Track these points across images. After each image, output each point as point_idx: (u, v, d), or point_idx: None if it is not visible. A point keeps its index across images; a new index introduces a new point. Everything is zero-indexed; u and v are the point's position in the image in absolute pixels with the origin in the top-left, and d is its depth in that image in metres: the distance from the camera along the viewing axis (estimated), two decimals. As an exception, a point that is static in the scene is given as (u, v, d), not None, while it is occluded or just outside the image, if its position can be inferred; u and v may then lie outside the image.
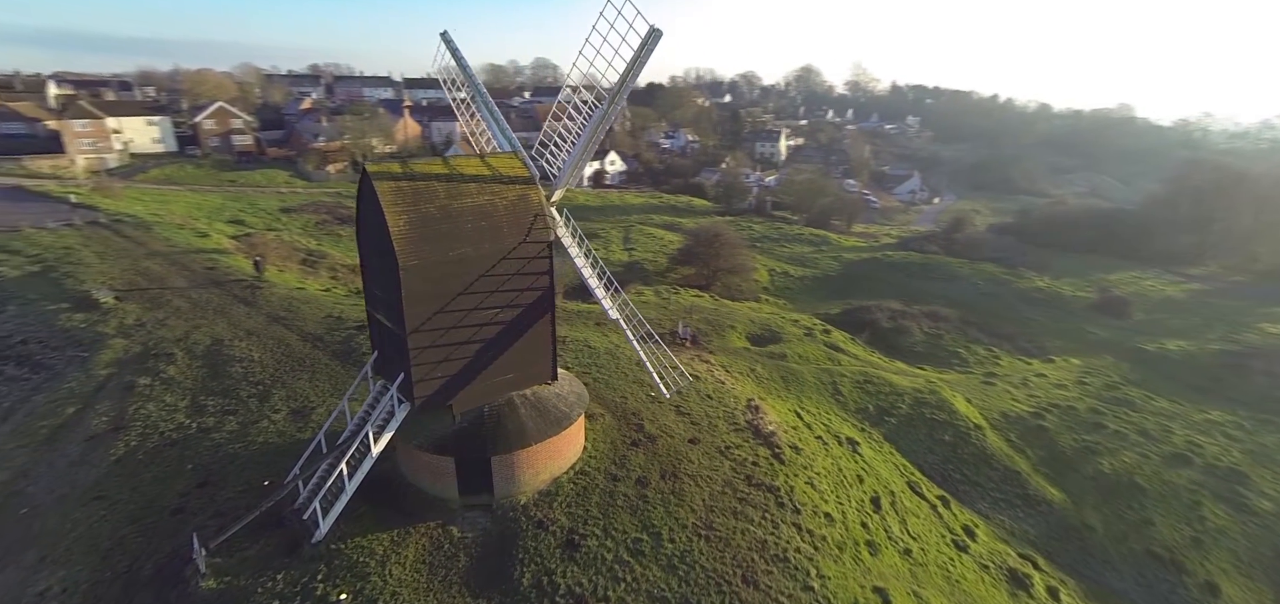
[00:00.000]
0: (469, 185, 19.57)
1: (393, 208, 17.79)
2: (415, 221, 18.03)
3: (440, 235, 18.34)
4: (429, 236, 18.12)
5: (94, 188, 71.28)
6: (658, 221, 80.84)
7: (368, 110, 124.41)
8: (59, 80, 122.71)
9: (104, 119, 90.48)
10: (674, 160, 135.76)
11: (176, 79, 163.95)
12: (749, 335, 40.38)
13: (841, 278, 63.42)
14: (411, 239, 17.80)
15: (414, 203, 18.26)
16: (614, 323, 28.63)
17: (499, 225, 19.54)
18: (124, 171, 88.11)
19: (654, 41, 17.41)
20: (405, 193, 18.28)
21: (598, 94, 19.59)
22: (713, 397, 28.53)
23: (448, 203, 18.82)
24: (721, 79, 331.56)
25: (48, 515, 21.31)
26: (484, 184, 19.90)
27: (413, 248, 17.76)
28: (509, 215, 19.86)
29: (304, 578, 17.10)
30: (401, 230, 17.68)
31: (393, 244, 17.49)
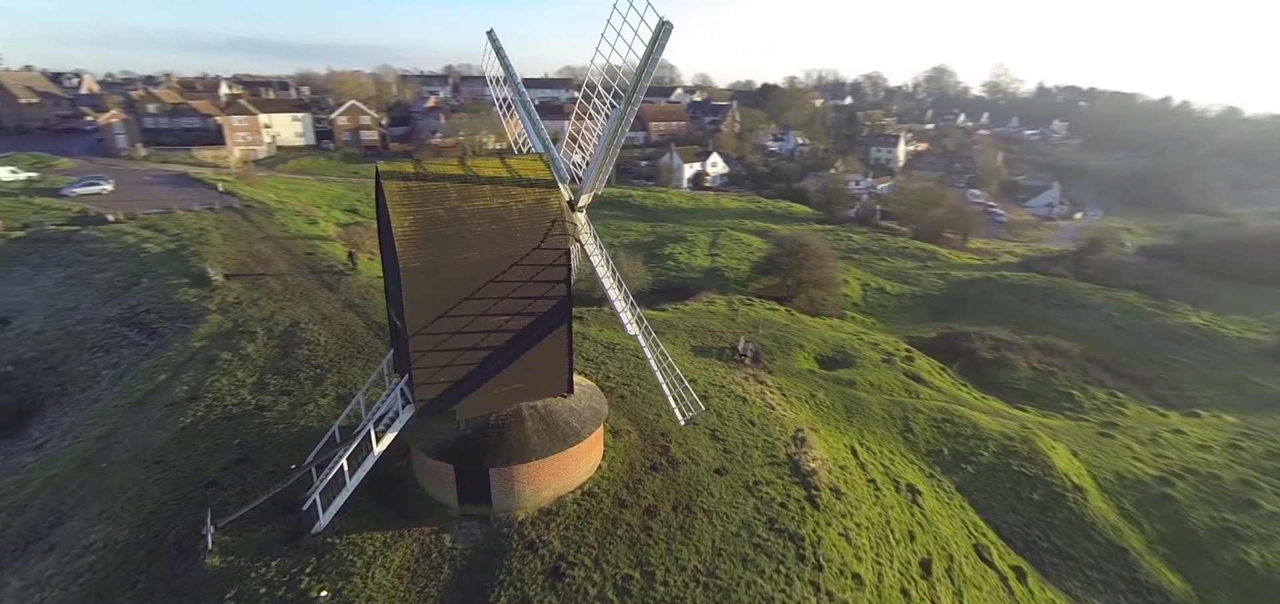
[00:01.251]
0: (483, 187, 19.05)
1: (399, 208, 17.62)
2: (421, 223, 17.75)
3: (447, 238, 17.94)
4: (434, 238, 17.77)
5: (239, 176, 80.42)
6: (750, 227, 77.88)
7: (482, 108, 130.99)
8: (232, 81, 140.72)
9: (257, 115, 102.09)
10: (780, 164, 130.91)
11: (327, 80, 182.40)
12: (818, 356, 37.25)
13: (944, 298, 57.43)
14: (416, 240, 17.53)
15: (422, 204, 18.01)
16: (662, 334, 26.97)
17: (512, 229, 18.85)
18: (269, 162, 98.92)
19: (665, 35, 15.88)
20: (414, 193, 18.07)
21: (615, 93, 18.30)
22: (756, 423, 26.31)
23: (458, 204, 18.40)
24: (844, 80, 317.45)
25: (118, 473, 23.53)
26: (500, 186, 19.31)
27: (416, 249, 17.49)
28: (524, 219, 19.11)
29: (294, 568, 17.37)
30: (406, 231, 17.47)
31: (396, 244, 17.32)
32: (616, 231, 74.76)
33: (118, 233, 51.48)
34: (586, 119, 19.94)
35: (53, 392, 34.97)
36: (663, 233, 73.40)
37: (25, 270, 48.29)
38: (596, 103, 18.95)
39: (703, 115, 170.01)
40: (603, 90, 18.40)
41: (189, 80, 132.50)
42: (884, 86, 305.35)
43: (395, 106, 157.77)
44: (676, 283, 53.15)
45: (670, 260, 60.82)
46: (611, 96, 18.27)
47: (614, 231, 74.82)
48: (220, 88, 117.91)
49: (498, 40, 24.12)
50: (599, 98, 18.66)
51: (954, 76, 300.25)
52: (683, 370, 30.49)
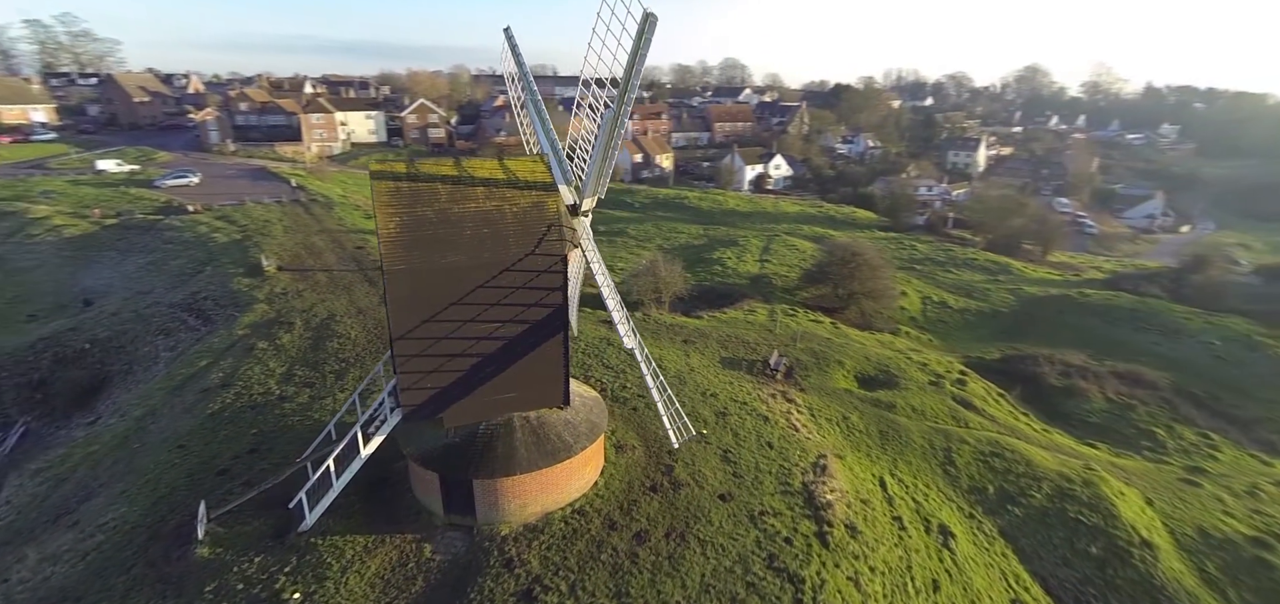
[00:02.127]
0: (476, 189, 18.46)
1: (386, 209, 17.27)
2: (408, 225, 17.33)
3: (433, 240, 17.43)
4: (420, 241, 17.30)
5: (311, 171, 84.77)
6: (807, 232, 74.80)
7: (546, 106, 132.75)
8: (317, 81, 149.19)
9: (334, 113, 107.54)
10: (847, 167, 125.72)
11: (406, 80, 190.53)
12: (858, 374, 34.77)
13: (1014, 315, 52.81)
14: (401, 243, 17.12)
15: (411, 205, 17.59)
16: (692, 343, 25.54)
17: (504, 234, 18.15)
18: (342, 158, 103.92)
19: (650, 28, 14.66)
20: (403, 194, 17.68)
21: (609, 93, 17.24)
22: (775, 446, 24.58)
23: (448, 207, 17.88)
24: (925, 81, 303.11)
25: (146, 454, 24.61)
26: (494, 188, 18.67)
27: (401, 251, 17.07)
28: (517, 224, 18.38)
29: (274, 566, 17.35)
30: (391, 233, 17.08)
31: (380, 246, 16.98)
32: (668, 233, 73.62)
33: (193, 222, 55.04)
34: (584, 120, 18.95)
35: (120, 370, 37.44)
36: (715, 236, 71.60)
37: (113, 255, 52.35)
38: (592, 102, 17.89)
39: (770, 116, 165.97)
40: (597, 88, 17.33)
41: (278, 80, 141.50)
42: (969, 87, 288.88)
43: (465, 105, 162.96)
44: (719, 289, 51.44)
45: (717, 265, 59.08)
46: (606, 94, 17.20)
47: (666, 233, 73.72)
48: (305, 87, 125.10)
49: (513, 38, 23.55)
50: (594, 96, 17.61)
51: (1048, 76, 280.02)
52: (707, 384, 29.26)
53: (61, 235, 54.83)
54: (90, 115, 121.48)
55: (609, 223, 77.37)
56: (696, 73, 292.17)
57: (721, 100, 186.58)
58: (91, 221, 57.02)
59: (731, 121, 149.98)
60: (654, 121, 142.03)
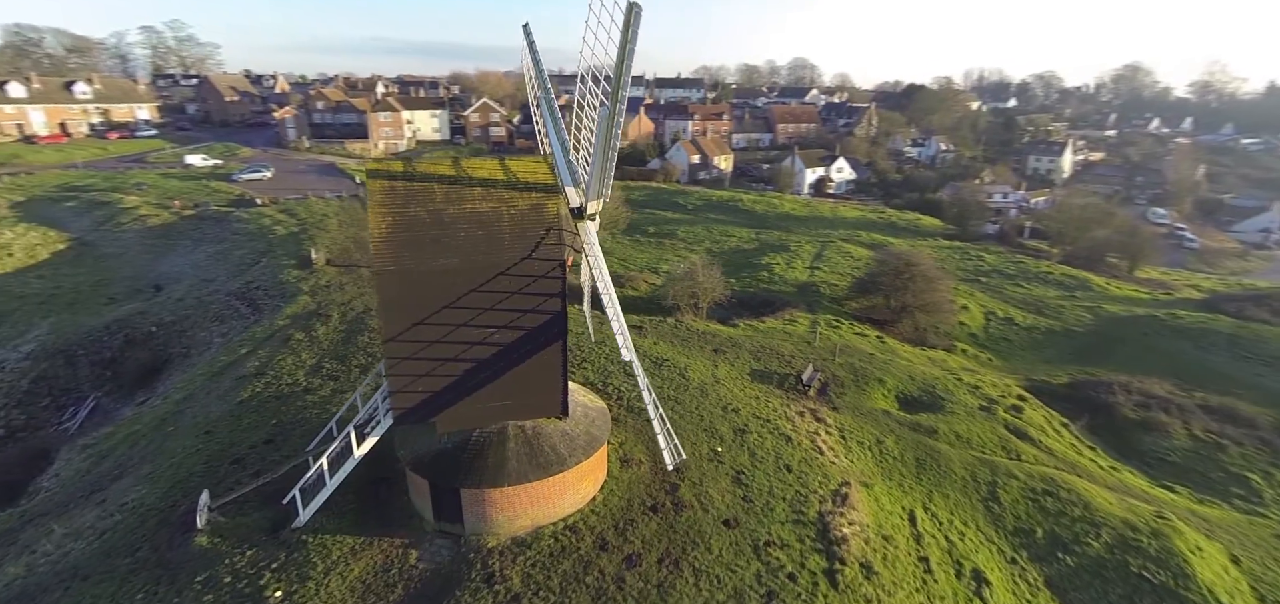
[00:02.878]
0: (474, 190, 17.96)
1: (379, 208, 17.00)
2: (400, 225, 17.00)
3: (426, 242, 17.03)
4: (412, 242, 16.93)
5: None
6: (864, 239, 71.35)
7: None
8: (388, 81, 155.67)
9: (400, 112, 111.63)
10: (916, 172, 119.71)
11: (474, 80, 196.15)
12: (900, 394, 32.35)
13: (1090, 336, 48.17)
14: (392, 244, 16.80)
15: (404, 205, 17.26)
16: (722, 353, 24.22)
17: (500, 236, 17.57)
18: (407, 155, 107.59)
19: (636, 19, 13.59)
20: (397, 194, 17.37)
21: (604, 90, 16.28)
22: (794, 469, 22.99)
23: (443, 207, 17.45)
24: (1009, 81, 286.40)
25: (177, 437, 25.65)
26: (492, 189, 18.11)
27: (392, 253, 16.76)
28: (515, 226, 17.76)
29: (263, 561, 17.43)
30: (382, 233, 16.79)
31: (370, 246, 16.72)
32: (719, 236, 71.94)
33: (259, 215, 58.02)
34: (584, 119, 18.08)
35: (179, 353, 39.66)
36: (767, 241, 69.38)
37: (187, 244, 55.88)
38: (590, 100, 16.98)
39: (837, 117, 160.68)
40: (592, 85, 16.42)
41: (354, 80, 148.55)
42: (1058, 87, 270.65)
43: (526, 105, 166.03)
44: (762, 296, 49.51)
45: (764, 271, 57.04)
46: (602, 92, 16.25)
47: (716, 236, 72.08)
48: (377, 88, 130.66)
49: (531, 35, 22.98)
50: (590, 94, 16.71)
51: (1150, 75, 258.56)
52: (730, 397, 27.85)
53: (145, 225, 59.04)
54: (188, 113, 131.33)
55: (659, 225, 76.46)
56: (764, 73, 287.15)
57: (786, 101, 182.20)
58: (172, 213, 61.15)
59: (795, 122, 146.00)
60: (714, 122, 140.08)
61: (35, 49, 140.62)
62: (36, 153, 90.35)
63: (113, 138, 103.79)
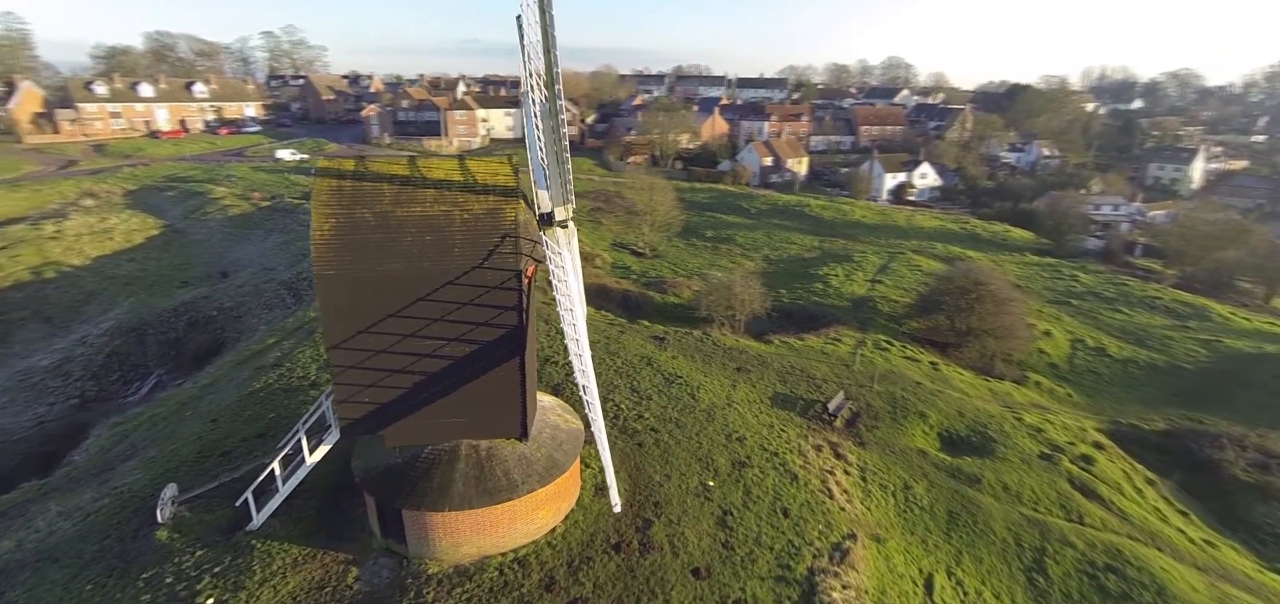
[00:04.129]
0: (426, 191, 16.77)
1: (322, 209, 16.15)
2: (343, 227, 16.07)
3: (369, 246, 16.01)
4: (355, 246, 15.96)
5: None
6: (938, 251, 65.48)
7: (678, 106, 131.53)
8: (472, 81, 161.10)
9: (475, 110, 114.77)
10: (1011, 179, 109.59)
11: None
12: (944, 432, 28.54)
13: (1203, 376, 41.22)
14: (333, 246, 15.89)
15: (350, 206, 16.32)
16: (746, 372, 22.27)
17: (449, 242, 16.30)
18: (479, 151, 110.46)
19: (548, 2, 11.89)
20: (344, 194, 16.46)
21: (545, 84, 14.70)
22: (792, 514, 20.40)
23: (391, 209, 16.37)
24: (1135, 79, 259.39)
25: (188, 424, 26.41)
26: (446, 191, 16.86)
27: (333, 255, 15.85)
28: (466, 232, 16.44)
29: (208, 563, 17.10)
30: (324, 236, 15.92)
31: (311, 249, 15.92)
32: (779, 243, 68.48)
33: (324, 208, 60.65)
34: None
35: (232, 338, 41.70)
36: (830, 250, 65.23)
37: (259, 234, 59.32)
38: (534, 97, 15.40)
39: (927, 119, 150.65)
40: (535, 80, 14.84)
41: (437, 80, 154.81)
42: (1196, 87, 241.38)
43: (605, 105, 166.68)
44: (810, 310, 46.04)
45: (819, 283, 53.30)
46: (541, 86, 14.65)
47: (776, 243, 68.67)
48: (458, 87, 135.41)
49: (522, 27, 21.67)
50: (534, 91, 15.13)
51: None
52: (738, 425, 25.44)
53: (227, 214, 63.34)
54: (291, 111, 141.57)
55: (718, 229, 73.87)
56: (853, 72, 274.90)
57: (872, 102, 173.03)
58: (251, 204, 65.30)
59: (880, 125, 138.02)
60: (792, 123, 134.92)
61: (170, 53, 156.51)
62: (157, 146, 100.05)
63: (222, 133, 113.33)
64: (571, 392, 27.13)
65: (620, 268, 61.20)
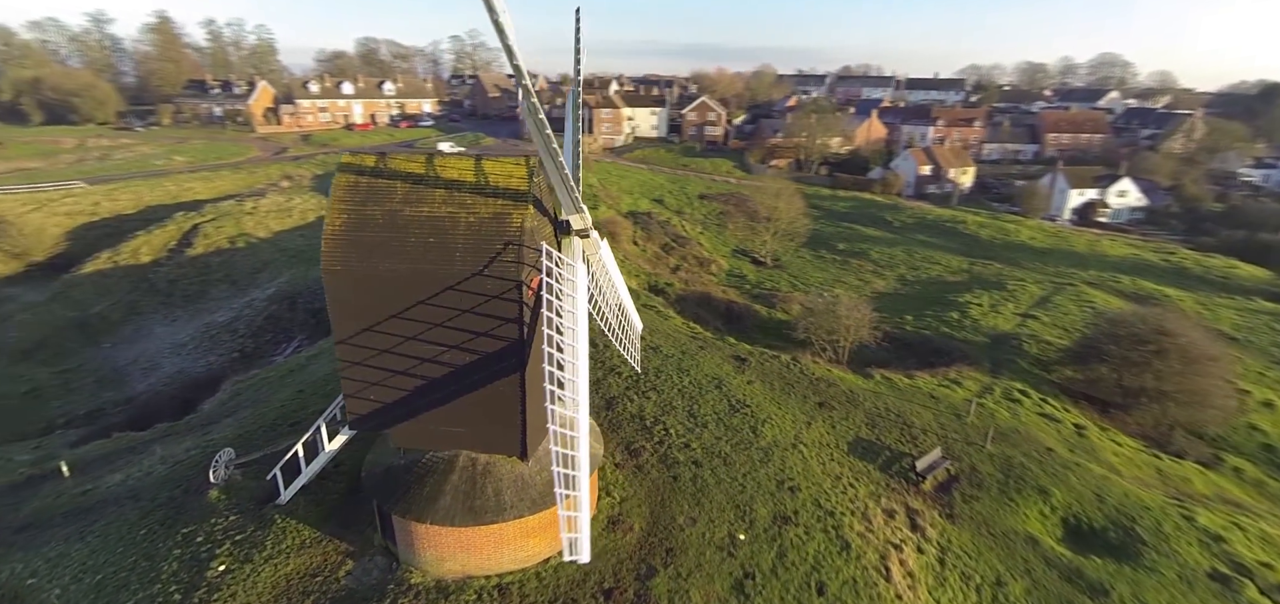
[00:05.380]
0: (436, 191, 16.27)
1: (338, 204, 16.26)
2: (353, 223, 16.06)
3: (374, 244, 15.85)
4: (361, 243, 15.88)
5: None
6: (1124, 287, 54.11)
7: (828, 108, 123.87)
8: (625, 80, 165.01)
9: (621, 109, 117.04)
10: (1250, 202, 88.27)
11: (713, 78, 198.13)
12: (1070, 519, 22.73)
13: None
14: (342, 242, 15.93)
15: (363, 202, 16.27)
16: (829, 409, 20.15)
17: (452, 246, 15.68)
18: (621, 150, 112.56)
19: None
20: (360, 190, 16.44)
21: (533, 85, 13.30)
22: (831, 593, 17.27)
23: (400, 207, 16.08)
24: None
25: (279, 390, 29.03)
26: (455, 192, 16.23)
27: (340, 251, 15.90)
28: (470, 236, 15.71)
29: (235, 529, 18.23)
30: (335, 230, 16.01)
31: (322, 243, 16.10)
32: (918, 262, 61.29)
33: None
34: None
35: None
36: (978, 274, 56.96)
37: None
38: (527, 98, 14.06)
39: (1139, 126, 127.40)
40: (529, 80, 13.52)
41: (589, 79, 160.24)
42: None
43: (758, 105, 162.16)
44: (934, 343, 40.04)
45: (955, 311, 46.41)
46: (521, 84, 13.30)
47: (916, 261, 61.55)
48: (610, 85, 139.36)
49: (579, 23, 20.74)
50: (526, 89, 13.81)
51: None
52: (796, 472, 22.53)
53: (383, 199, 70.33)
54: (463, 107, 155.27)
55: (852, 241, 67.98)
56: (1051, 72, 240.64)
57: (1066, 105, 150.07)
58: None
59: (1073, 132, 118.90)
60: (962, 129, 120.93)
61: (374, 56, 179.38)
62: (349, 137, 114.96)
63: (402, 126, 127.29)
64: (625, 406, 25.75)
65: (735, 277, 58.53)
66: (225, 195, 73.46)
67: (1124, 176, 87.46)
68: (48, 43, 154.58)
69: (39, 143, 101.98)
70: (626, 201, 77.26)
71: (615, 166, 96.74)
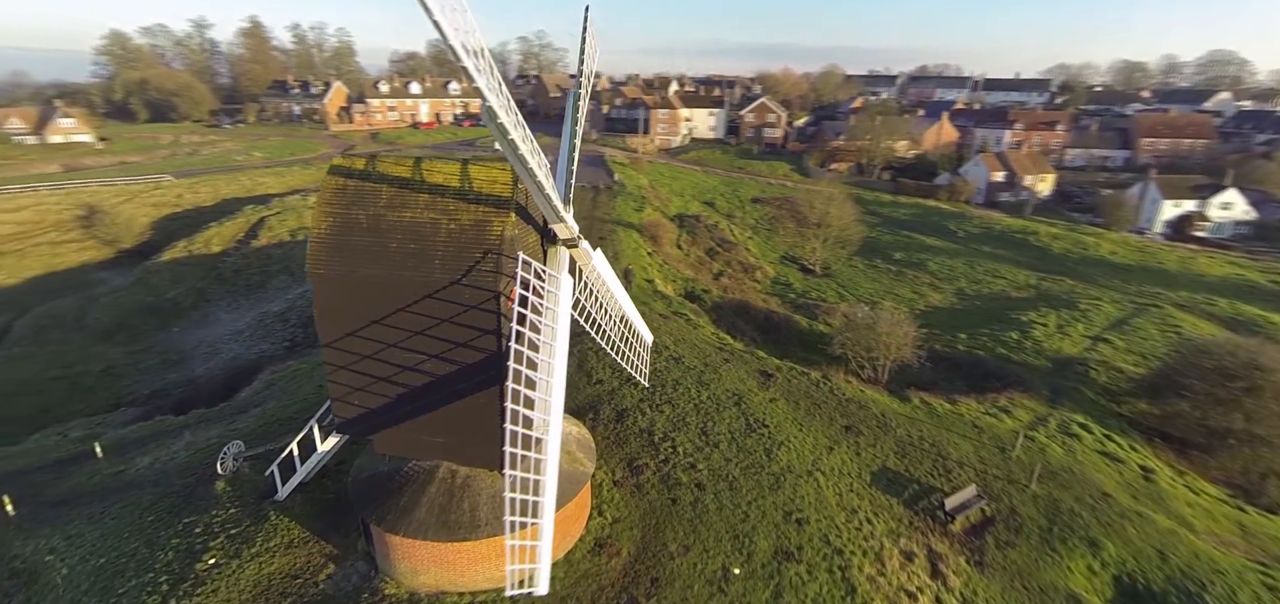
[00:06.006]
0: (420, 196, 15.91)
1: (324, 207, 16.16)
2: (338, 227, 15.91)
3: (358, 248, 15.65)
4: (344, 247, 15.71)
5: (635, 160, 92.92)
6: (1221, 311, 48.44)
7: (894, 110, 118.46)
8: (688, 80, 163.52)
9: (678, 110, 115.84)
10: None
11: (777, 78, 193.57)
12: (1122, 579, 20.06)
13: None
14: (327, 246, 15.81)
15: (348, 206, 16.09)
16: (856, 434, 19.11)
17: (431, 253, 15.29)
18: (677, 151, 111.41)
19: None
20: (347, 193, 16.26)
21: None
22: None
23: (383, 213, 15.81)
24: None
25: (310, 384, 29.76)
26: (439, 197, 15.82)
27: (325, 255, 15.78)
28: (450, 243, 15.28)
29: (232, 523, 18.56)
30: (320, 234, 15.92)
31: (308, 246, 16.04)
32: (981, 276, 57.31)
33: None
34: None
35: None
36: (1047, 291, 52.61)
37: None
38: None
39: (1253, 130, 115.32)
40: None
41: (650, 79, 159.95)
42: None
43: (822, 107, 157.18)
44: (987, 365, 36.93)
45: (1016, 331, 42.83)
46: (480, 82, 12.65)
47: (980, 274, 57.59)
48: (670, 87, 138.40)
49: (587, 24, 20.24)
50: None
51: None
52: (811, 501, 21.12)
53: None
54: (526, 106, 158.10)
55: (910, 251, 64.42)
56: (1152, 71, 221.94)
57: (1167, 108, 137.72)
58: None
59: (1172, 137, 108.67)
60: (1043, 133, 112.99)
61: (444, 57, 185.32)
62: (413, 135, 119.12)
63: (465, 125, 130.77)
64: (635, 419, 24.88)
65: (780, 284, 56.48)
66: (293, 190, 77.32)
67: (1229, 186, 78.97)
68: (156, 46, 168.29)
69: (140, 138, 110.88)
70: (676, 204, 76.17)
71: (669, 168, 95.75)
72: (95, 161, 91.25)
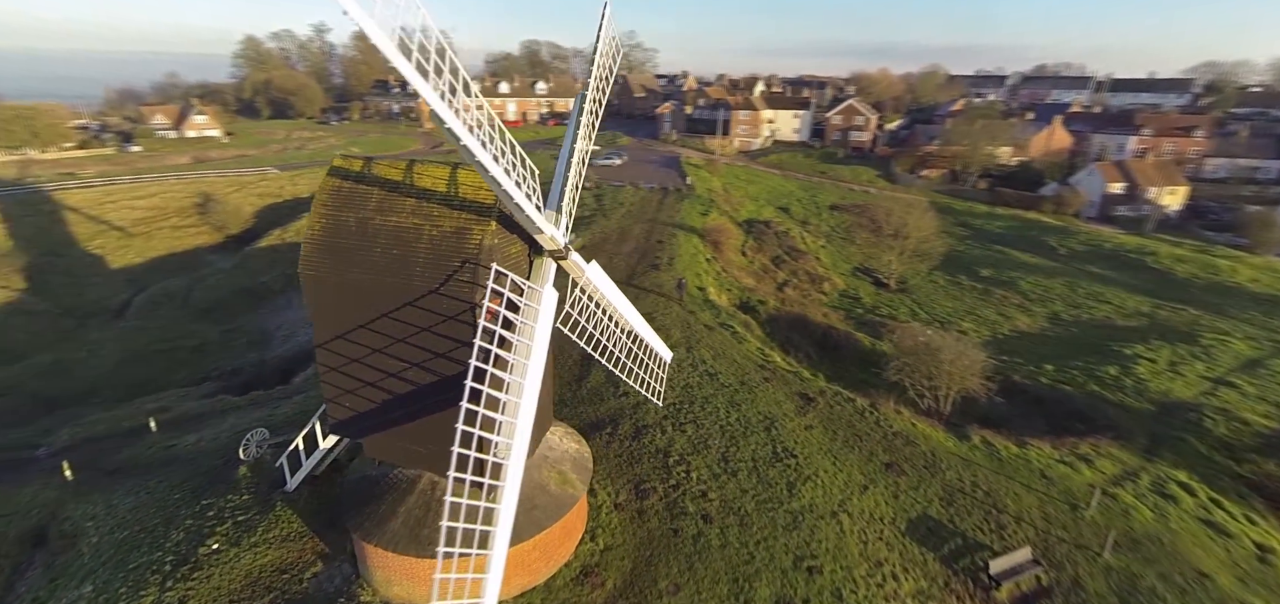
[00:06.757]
0: (407, 201, 15.60)
1: (319, 209, 16.18)
2: (330, 228, 15.88)
3: (346, 251, 15.55)
4: (333, 249, 15.65)
5: (710, 161, 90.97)
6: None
7: (996, 113, 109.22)
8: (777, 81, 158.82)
9: (760, 111, 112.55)
10: None
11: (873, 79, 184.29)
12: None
13: None
14: (318, 247, 15.82)
15: (341, 208, 16.01)
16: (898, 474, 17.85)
17: (412, 260, 14.95)
18: (757, 153, 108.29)
19: None
20: (341, 195, 16.21)
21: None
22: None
23: (372, 216, 15.62)
24: None
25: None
26: (424, 202, 15.45)
27: (316, 256, 15.80)
28: (430, 251, 14.89)
29: (242, 510, 19.17)
30: (313, 235, 15.95)
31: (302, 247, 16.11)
32: (1083, 298, 51.24)
33: (574, 197, 66.17)
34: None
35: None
36: (1162, 321, 46.15)
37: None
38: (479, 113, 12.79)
39: None
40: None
41: (736, 80, 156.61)
42: None
43: (918, 109, 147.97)
44: (1074, 402, 32.47)
45: (1114, 365, 37.58)
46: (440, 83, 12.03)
47: (1080, 297, 51.54)
48: (756, 87, 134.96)
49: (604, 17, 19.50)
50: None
51: None
52: (841, 547, 19.43)
53: (509, 194, 73.84)
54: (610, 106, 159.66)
55: (1000, 268, 58.79)
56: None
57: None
58: (528, 186, 74.93)
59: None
60: (1177, 139, 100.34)
61: (536, 57, 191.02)
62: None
63: (550, 124, 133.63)
64: (653, 438, 23.73)
65: (849, 298, 53.14)
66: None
67: None
68: (283, 50, 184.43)
69: (258, 134, 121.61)
70: (747, 208, 73.79)
71: (746, 170, 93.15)
72: (219, 154, 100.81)
